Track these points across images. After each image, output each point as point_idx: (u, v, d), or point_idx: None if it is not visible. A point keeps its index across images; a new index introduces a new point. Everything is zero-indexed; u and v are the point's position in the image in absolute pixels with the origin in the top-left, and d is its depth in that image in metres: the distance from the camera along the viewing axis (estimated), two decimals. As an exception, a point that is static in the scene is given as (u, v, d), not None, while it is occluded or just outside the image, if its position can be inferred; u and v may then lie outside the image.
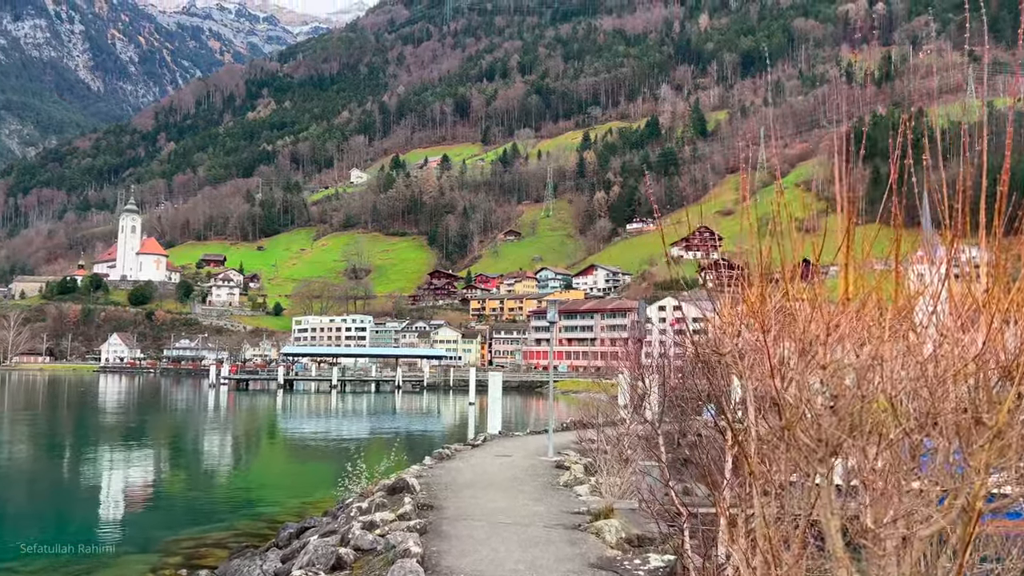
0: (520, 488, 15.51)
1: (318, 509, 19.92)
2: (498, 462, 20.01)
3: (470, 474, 17.59)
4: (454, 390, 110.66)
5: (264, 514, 21.86)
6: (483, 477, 17.11)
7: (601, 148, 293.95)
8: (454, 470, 18.22)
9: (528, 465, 19.30)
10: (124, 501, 25.70)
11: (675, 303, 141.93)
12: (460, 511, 12.97)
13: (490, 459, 20.74)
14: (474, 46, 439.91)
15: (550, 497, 14.44)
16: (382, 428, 58.68)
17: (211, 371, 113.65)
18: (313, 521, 15.98)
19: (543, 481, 16.47)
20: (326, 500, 21.17)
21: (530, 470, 18.31)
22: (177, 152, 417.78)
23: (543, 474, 17.60)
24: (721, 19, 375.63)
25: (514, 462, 19.98)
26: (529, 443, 25.82)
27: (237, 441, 47.89)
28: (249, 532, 19.22)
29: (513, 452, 22.60)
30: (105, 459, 36.74)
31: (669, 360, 13.78)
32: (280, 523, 18.51)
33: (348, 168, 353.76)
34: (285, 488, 28.72)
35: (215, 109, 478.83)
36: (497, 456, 21.57)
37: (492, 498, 14.28)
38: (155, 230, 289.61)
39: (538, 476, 17.23)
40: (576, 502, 13.89)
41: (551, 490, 15.27)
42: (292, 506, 23.25)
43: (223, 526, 20.11)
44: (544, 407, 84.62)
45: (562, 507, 13.42)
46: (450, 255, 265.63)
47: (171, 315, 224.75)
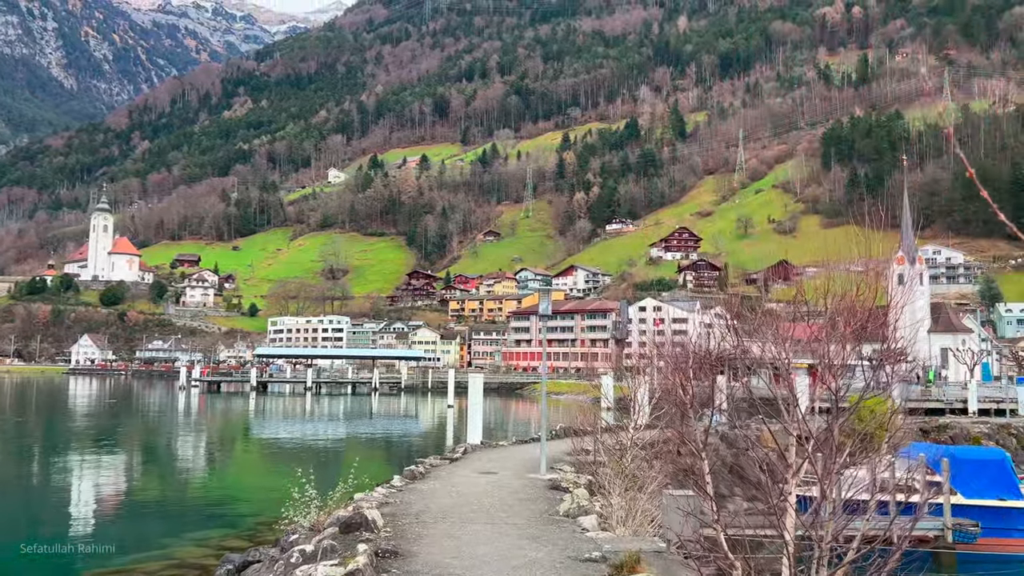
0: (510, 520, 12.85)
1: (272, 532, 17.36)
2: (482, 482, 17.13)
3: (447, 499, 14.60)
4: (433, 392, 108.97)
5: (211, 538, 20.05)
6: (463, 504, 14.02)
7: (581, 149, 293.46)
8: (428, 494, 15.25)
9: (518, 486, 16.52)
10: (51, 520, 23.17)
11: (656, 304, 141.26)
12: (433, 561, 10.06)
13: (472, 477, 17.84)
14: (453, 46, 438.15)
15: (550, 533, 11.93)
16: (357, 432, 56.98)
17: (181, 373, 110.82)
18: (259, 553, 13.74)
19: (538, 509, 13.70)
20: (282, 520, 18.46)
21: (521, 493, 15.54)
22: (152, 151, 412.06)
23: (537, 499, 14.86)
24: (699, 21, 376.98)
25: (501, 481, 17.20)
26: (516, 455, 23.12)
27: (199, 450, 45.67)
28: (190, 563, 17.42)
29: (499, 467, 19.83)
30: (49, 471, 34.78)
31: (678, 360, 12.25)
32: (228, 548, 16.80)
33: (326, 168, 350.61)
34: (242, 503, 26.91)
35: (191, 108, 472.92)
36: (480, 473, 18.55)
37: (475, 537, 11.56)
38: (128, 230, 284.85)
39: (531, 501, 14.49)
40: (584, 541, 11.34)
41: (549, 523, 12.70)
42: (245, 527, 21.50)
43: (159, 555, 18.19)
44: (525, 409, 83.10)
45: (568, 550, 10.76)
46: (429, 255, 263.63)
47: (144, 316, 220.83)
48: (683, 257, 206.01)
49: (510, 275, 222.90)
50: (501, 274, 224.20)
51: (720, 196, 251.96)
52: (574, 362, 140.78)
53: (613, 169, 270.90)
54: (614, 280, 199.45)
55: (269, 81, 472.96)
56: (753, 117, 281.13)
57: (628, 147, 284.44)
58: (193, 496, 28.45)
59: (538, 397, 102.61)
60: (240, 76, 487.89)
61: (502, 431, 51.90)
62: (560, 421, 38.48)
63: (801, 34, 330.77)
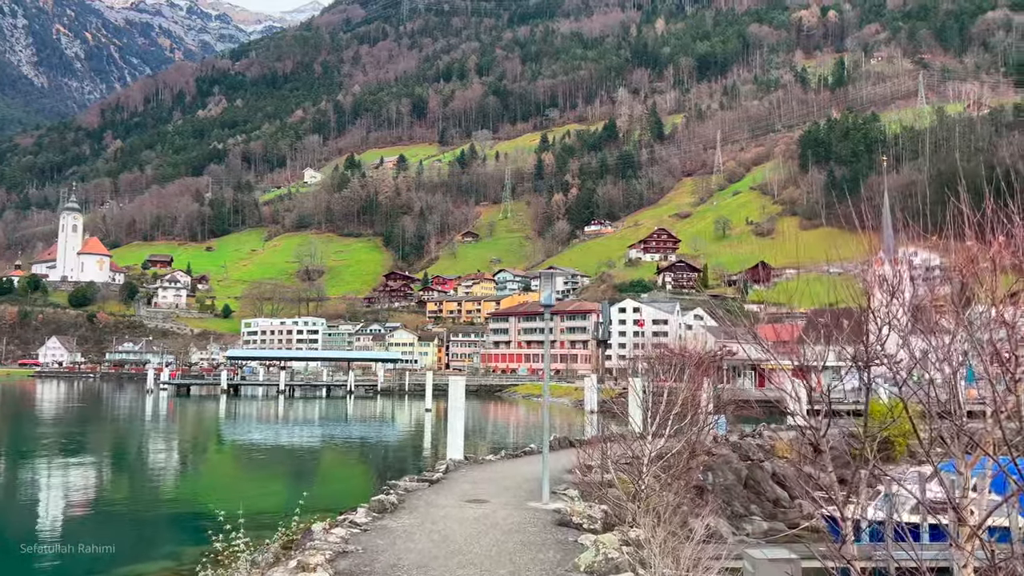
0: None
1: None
2: (470, 516, 13.37)
3: (426, 544, 11.10)
4: (410, 395, 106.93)
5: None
6: (448, 554, 10.60)
7: (559, 150, 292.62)
8: (401, 536, 11.67)
9: (517, 522, 12.86)
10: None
11: (635, 305, 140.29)
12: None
13: (457, 509, 14.02)
14: (431, 47, 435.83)
15: None
16: (331, 437, 55.02)
17: (149, 376, 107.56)
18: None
19: (549, 561, 10.14)
20: (225, 554, 13.88)
21: (521, 533, 11.92)
22: (124, 150, 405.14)
23: (545, 544, 11.16)
24: (677, 24, 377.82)
25: (495, 515, 13.43)
26: (507, 474, 19.22)
27: (156, 463, 41.98)
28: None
29: (489, 492, 16.07)
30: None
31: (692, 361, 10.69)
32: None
33: (302, 168, 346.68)
34: (181, 534, 23.56)
35: (164, 107, 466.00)
36: (467, 502, 14.84)
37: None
38: (99, 230, 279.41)
39: (538, 548, 10.88)
40: None
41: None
42: (183, 570, 18.17)
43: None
44: (505, 412, 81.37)
45: None
46: (406, 256, 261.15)
47: (114, 317, 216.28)
48: (662, 258, 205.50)
49: (488, 276, 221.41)
50: (479, 275, 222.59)
51: (698, 198, 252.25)
52: (554, 364, 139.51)
53: (591, 170, 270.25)
54: (593, 281, 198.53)
55: (245, 80, 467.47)
56: (731, 119, 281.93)
57: (606, 148, 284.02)
58: (126, 528, 24.89)
59: (518, 400, 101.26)
60: (215, 75, 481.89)
61: (482, 437, 50.19)
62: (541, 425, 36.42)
63: (778, 37, 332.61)
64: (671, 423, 11.11)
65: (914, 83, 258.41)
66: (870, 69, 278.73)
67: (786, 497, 19.07)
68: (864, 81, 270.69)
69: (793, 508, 18.68)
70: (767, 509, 17.79)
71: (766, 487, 18.41)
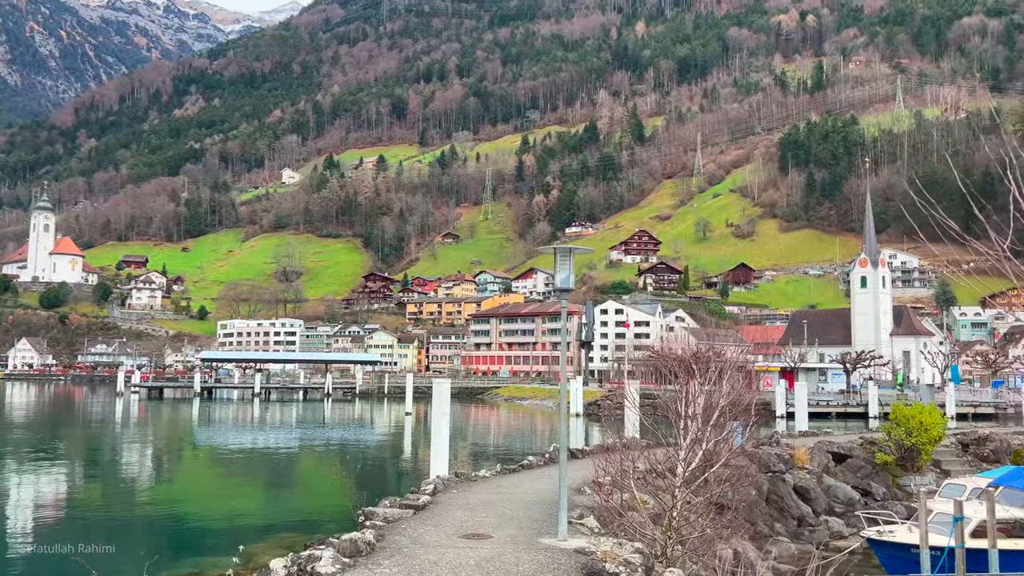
0: None
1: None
2: (470, 562, 10.37)
3: None
4: (389, 397, 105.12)
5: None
6: None
7: (540, 152, 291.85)
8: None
9: (531, 571, 9.97)
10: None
11: (618, 306, 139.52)
12: None
13: (451, 551, 11.00)
14: (411, 47, 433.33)
15: None
16: (308, 442, 53.27)
17: (119, 378, 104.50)
18: None
19: None
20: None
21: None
22: (98, 149, 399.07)
23: None
24: (657, 27, 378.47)
25: (501, 560, 10.50)
26: (507, 496, 16.20)
27: (115, 475, 37.87)
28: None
29: (489, 523, 13.15)
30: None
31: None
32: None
33: (280, 168, 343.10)
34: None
35: (140, 106, 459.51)
36: (463, 538, 11.94)
37: None
38: (72, 230, 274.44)
39: None
40: None
41: None
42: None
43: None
44: (486, 415, 79.88)
45: None
46: (386, 257, 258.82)
47: (87, 319, 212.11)
48: (643, 260, 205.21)
49: (469, 278, 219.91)
50: (460, 276, 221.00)
51: (679, 200, 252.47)
52: (535, 365, 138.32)
53: (572, 172, 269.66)
54: (574, 283, 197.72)
55: (222, 80, 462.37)
56: (711, 122, 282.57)
57: (587, 150, 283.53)
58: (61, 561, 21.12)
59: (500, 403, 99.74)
60: (192, 74, 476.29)
61: (463, 440, 48.75)
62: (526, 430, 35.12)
63: (757, 41, 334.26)
64: (709, 435, 9.56)
65: (892, 87, 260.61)
66: (848, 73, 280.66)
67: (810, 513, 17.66)
68: (843, 85, 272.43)
69: (820, 526, 17.27)
70: (791, 528, 16.29)
71: (789, 502, 16.96)
